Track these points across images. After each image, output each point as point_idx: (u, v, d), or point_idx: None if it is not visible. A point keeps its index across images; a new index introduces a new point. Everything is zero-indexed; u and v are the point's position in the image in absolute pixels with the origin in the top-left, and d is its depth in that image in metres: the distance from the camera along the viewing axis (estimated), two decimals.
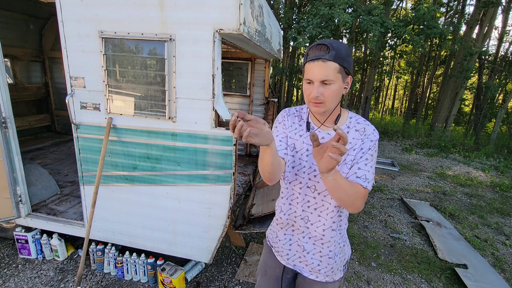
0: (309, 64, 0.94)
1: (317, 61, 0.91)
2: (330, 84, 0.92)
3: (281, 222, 1.18)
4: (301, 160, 1.08)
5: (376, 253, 2.98)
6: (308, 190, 1.08)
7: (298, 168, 1.08)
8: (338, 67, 0.91)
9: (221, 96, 1.83)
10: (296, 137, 1.10)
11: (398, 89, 24.00)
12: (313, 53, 0.93)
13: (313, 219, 1.10)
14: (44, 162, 3.60)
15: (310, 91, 0.95)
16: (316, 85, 0.93)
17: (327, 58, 0.90)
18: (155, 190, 2.07)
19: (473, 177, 5.85)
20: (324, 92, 0.93)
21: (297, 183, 1.10)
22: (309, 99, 0.97)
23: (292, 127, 1.12)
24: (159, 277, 2.15)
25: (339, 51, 0.91)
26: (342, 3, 6.91)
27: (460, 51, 9.49)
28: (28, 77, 4.51)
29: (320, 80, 0.92)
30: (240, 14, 1.60)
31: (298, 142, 1.09)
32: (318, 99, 0.94)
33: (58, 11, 1.86)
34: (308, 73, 0.94)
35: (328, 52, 0.90)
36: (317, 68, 0.91)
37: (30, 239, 2.42)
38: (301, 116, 1.14)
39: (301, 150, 1.08)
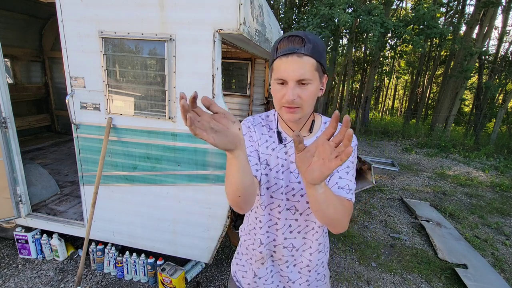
0: (280, 60, 0.76)
1: (291, 56, 0.74)
2: (307, 84, 0.76)
3: (260, 257, 0.98)
4: (276, 179, 0.89)
5: (376, 253, 2.98)
6: (288, 213, 0.92)
7: (274, 189, 0.90)
8: (316, 64, 0.76)
9: (221, 96, 1.83)
10: (268, 152, 0.90)
11: (398, 89, 24.01)
12: (285, 46, 0.75)
13: (298, 244, 0.95)
14: (44, 162, 3.60)
15: (283, 94, 0.77)
16: (291, 86, 0.75)
17: (303, 53, 0.73)
18: (155, 190, 2.07)
19: (473, 177, 5.85)
20: (301, 94, 0.76)
21: (275, 206, 0.92)
22: (282, 103, 0.79)
23: (262, 140, 0.92)
24: (159, 277, 2.15)
25: (316, 45, 0.75)
26: (342, 3, 6.91)
27: (460, 51, 9.50)
28: (28, 77, 4.51)
29: (296, 79, 0.75)
30: (240, 14, 1.60)
31: (272, 158, 0.90)
32: (295, 102, 0.76)
33: (58, 11, 1.86)
34: (280, 71, 0.76)
35: (303, 45, 0.74)
36: (292, 65, 0.74)
37: (30, 239, 2.42)
38: (269, 126, 0.94)
39: (276, 167, 0.89)
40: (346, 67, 12.90)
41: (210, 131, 0.54)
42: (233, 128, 0.58)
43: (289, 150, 0.89)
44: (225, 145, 0.57)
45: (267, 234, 0.96)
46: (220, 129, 0.55)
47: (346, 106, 12.22)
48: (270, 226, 0.95)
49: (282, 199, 0.90)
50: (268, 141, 0.92)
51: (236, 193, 0.70)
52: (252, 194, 0.75)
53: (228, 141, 0.57)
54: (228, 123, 0.57)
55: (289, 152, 0.89)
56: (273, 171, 0.90)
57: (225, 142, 0.57)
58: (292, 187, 0.89)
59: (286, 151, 0.89)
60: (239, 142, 0.60)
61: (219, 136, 0.55)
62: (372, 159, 5.74)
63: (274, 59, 0.79)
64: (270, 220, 0.94)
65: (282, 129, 0.93)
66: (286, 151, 0.89)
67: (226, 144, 0.57)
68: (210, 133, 0.54)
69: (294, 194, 0.89)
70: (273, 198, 0.91)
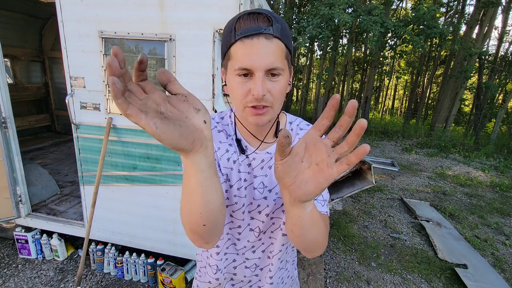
0: (242, 43, 0.57)
1: (258, 38, 0.56)
2: (278, 75, 0.59)
3: (217, 284, 0.85)
4: (238, 197, 0.74)
5: (376, 253, 2.98)
6: (251, 234, 0.78)
7: (235, 208, 0.75)
8: (285, 50, 0.60)
9: (221, 96, 1.83)
10: (229, 165, 0.73)
11: (398, 89, 24.01)
12: (247, 26, 0.56)
13: (262, 263, 0.82)
14: (44, 162, 3.60)
15: (248, 89, 0.59)
16: (259, 78, 0.57)
17: (272, 34, 0.56)
18: (155, 190, 2.07)
19: (473, 177, 5.85)
20: (271, 88, 0.59)
21: (234, 226, 0.77)
22: (246, 102, 0.60)
23: (221, 150, 0.74)
24: (159, 277, 2.15)
25: (284, 26, 0.59)
26: (342, 3, 6.91)
27: (460, 51, 9.50)
28: (28, 77, 4.51)
29: (266, 68, 0.57)
30: None
31: (233, 172, 0.73)
32: (265, 100, 0.59)
33: (58, 11, 1.86)
34: (243, 58, 0.57)
35: (271, 25, 0.57)
36: (260, 49, 0.56)
37: (30, 239, 2.42)
38: (226, 131, 0.76)
39: (238, 183, 0.74)
40: (346, 67, 12.91)
41: (154, 114, 0.36)
42: (195, 119, 0.40)
43: (252, 161, 0.73)
44: (174, 141, 0.38)
45: (225, 257, 0.82)
46: (174, 116, 0.38)
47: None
48: (228, 247, 0.81)
49: (244, 218, 0.76)
50: (228, 151, 0.73)
51: (199, 220, 0.50)
52: (221, 222, 0.55)
53: (179, 135, 0.38)
54: (188, 110, 0.40)
55: (252, 164, 0.74)
56: (234, 188, 0.73)
57: (174, 136, 0.37)
58: (257, 203, 0.74)
59: (249, 163, 0.73)
60: (200, 140, 0.41)
61: (165, 125, 0.36)
62: (372, 159, 5.74)
63: (232, 43, 0.58)
64: (228, 240, 0.80)
65: (241, 135, 0.74)
66: (249, 163, 0.73)
67: (176, 138, 0.38)
68: (152, 117, 0.35)
69: (260, 211, 0.75)
70: (232, 217, 0.77)
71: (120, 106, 0.33)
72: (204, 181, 0.46)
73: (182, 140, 0.39)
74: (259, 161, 0.73)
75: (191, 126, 0.40)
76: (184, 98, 0.40)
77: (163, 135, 0.36)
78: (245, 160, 0.74)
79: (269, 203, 0.74)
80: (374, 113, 18.12)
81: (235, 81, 0.60)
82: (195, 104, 0.41)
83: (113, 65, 0.31)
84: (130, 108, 0.34)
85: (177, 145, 0.39)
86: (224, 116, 0.78)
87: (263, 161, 0.73)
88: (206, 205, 0.48)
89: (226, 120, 0.77)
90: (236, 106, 0.64)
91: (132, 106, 0.34)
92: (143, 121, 0.34)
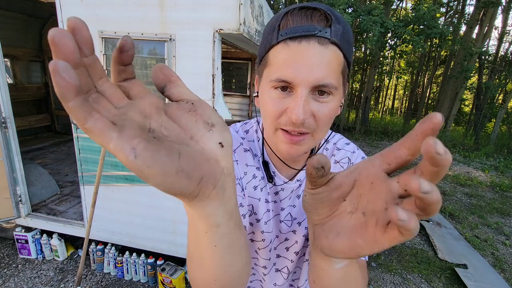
0: (286, 46, 0.43)
1: (308, 41, 0.42)
2: (328, 95, 0.44)
3: None
4: (266, 233, 0.60)
5: (376, 253, 2.98)
6: (278, 276, 0.66)
7: (261, 245, 0.61)
8: (343, 62, 0.45)
9: (221, 96, 1.83)
10: (256, 194, 0.59)
11: (398, 89, 24.02)
12: (295, 24, 0.43)
13: None
14: (44, 162, 3.60)
15: (284, 108, 0.45)
16: (302, 96, 0.43)
17: (329, 38, 0.42)
18: (155, 190, 2.07)
19: (473, 177, 5.85)
20: (317, 111, 0.44)
21: (259, 265, 0.64)
22: (280, 124, 0.46)
23: (248, 176, 0.59)
24: (159, 277, 2.15)
25: (346, 30, 0.44)
26: (342, 3, 6.91)
27: (460, 51, 9.50)
28: (28, 77, 4.51)
29: (313, 84, 0.43)
30: (240, 14, 1.60)
31: (260, 203, 0.59)
32: (305, 125, 0.44)
33: (58, 11, 1.86)
34: (285, 66, 0.43)
35: (329, 25, 0.42)
36: (309, 58, 0.42)
37: (30, 239, 2.42)
38: (251, 151, 0.60)
39: (265, 215, 0.60)
40: None
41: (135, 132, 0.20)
42: (206, 140, 0.24)
43: (281, 192, 0.60)
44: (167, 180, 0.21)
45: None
46: (171, 136, 0.23)
47: (346, 106, 12.23)
48: (252, 281, 0.70)
49: (270, 258, 0.63)
50: (256, 177, 0.58)
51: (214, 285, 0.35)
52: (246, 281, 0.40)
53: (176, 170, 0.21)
54: (195, 126, 0.24)
55: (280, 194, 0.60)
56: (262, 222, 0.59)
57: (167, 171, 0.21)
58: (285, 237, 0.61)
59: (276, 191, 0.60)
60: (213, 178, 0.24)
61: (152, 151, 0.20)
62: None
63: (272, 45, 0.45)
64: (253, 275, 0.68)
65: (269, 157, 0.59)
66: (276, 191, 0.60)
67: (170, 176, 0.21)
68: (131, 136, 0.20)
69: (288, 247, 0.62)
70: (258, 255, 0.63)
71: (74, 113, 0.19)
72: (220, 240, 0.30)
73: (181, 179, 0.21)
74: (288, 191, 0.59)
75: (198, 154, 0.23)
76: (190, 107, 0.24)
77: (147, 170, 0.20)
78: (273, 188, 0.60)
79: (298, 238, 0.61)
80: (374, 113, 18.12)
81: (270, 95, 0.46)
82: (206, 116, 0.24)
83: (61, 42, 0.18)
84: (93, 120, 0.19)
85: (173, 187, 0.21)
86: (249, 130, 0.62)
87: (292, 192, 0.60)
88: (223, 271, 0.33)
89: (251, 135, 0.62)
90: (267, 126, 0.49)
91: (98, 116, 0.19)
92: (113, 142, 0.19)
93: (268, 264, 0.63)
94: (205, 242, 0.30)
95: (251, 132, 0.62)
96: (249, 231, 0.61)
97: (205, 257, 0.32)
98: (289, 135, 0.46)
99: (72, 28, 0.19)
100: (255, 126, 0.63)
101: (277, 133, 0.48)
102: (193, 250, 0.33)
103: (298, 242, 0.61)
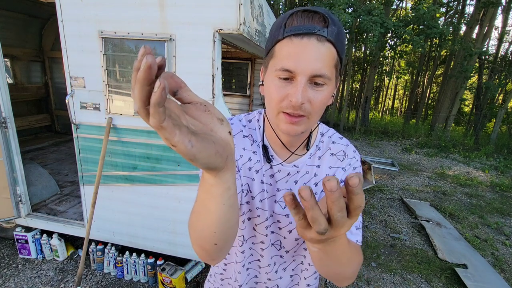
0: (290, 41, 0.51)
1: (309, 38, 0.50)
2: (323, 85, 0.53)
3: None
4: (261, 210, 0.68)
5: (376, 253, 2.98)
6: (273, 249, 0.73)
7: (257, 221, 0.70)
8: (336, 57, 0.54)
9: (221, 96, 1.83)
10: (251, 175, 0.67)
11: (398, 89, 24.01)
12: (299, 23, 0.51)
13: (284, 284, 0.77)
14: (44, 162, 3.60)
15: (286, 94, 0.53)
16: (302, 83, 0.51)
17: (325, 36, 0.50)
18: (155, 190, 2.07)
19: (473, 177, 5.85)
20: (313, 98, 0.53)
21: (257, 241, 0.72)
22: (282, 107, 0.55)
23: (244, 158, 0.67)
24: (159, 277, 2.15)
25: (341, 31, 0.53)
26: (342, 3, 6.91)
27: (460, 51, 9.50)
28: (28, 77, 4.51)
29: (311, 74, 0.51)
30: (240, 14, 1.60)
31: (255, 183, 0.67)
32: (302, 109, 0.53)
33: (58, 11, 1.86)
34: (288, 58, 0.51)
35: (326, 26, 0.50)
36: (308, 52, 0.50)
37: (30, 239, 2.42)
38: (252, 136, 0.69)
39: (260, 194, 0.68)
40: (346, 67, 12.90)
41: (186, 129, 0.29)
42: (221, 131, 0.34)
43: (277, 173, 0.68)
44: (210, 159, 0.32)
45: (247, 272, 0.76)
46: (199, 130, 0.32)
47: (346, 106, 12.22)
48: (251, 262, 0.75)
49: (267, 234, 0.70)
50: (251, 160, 0.67)
51: (212, 239, 0.46)
52: (232, 240, 0.51)
53: (215, 152, 0.32)
54: (212, 122, 0.34)
55: (276, 176, 0.68)
56: (256, 200, 0.68)
57: (211, 154, 0.32)
58: (277, 219, 0.69)
59: (271, 174, 0.68)
60: (232, 156, 0.37)
61: (201, 142, 0.30)
62: (372, 159, 5.74)
63: (279, 39, 0.53)
64: (251, 255, 0.74)
65: (269, 143, 0.68)
66: (271, 174, 0.68)
67: (212, 157, 0.32)
68: (186, 133, 0.29)
69: (281, 227, 0.70)
70: (255, 231, 0.71)
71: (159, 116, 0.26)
72: (228, 199, 0.40)
73: (218, 158, 0.33)
74: (284, 173, 0.67)
75: (221, 141, 0.34)
76: (204, 108, 0.33)
77: (199, 154, 0.30)
78: (269, 170, 0.68)
79: (291, 219, 0.68)
80: (374, 113, 18.12)
81: (274, 83, 0.55)
82: (217, 114, 0.35)
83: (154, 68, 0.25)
84: (167, 120, 0.27)
85: (213, 164, 0.33)
86: (252, 119, 0.71)
87: (289, 175, 0.68)
88: (223, 224, 0.44)
89: (253, 124, 0.71)
90: (270, 110, 0.58)
91: (168, 117, 0.27)
92: (177, 137, 0.28)
93: (266, 240, 0.71)
94: (217, 202, 0.40)
95: (253, 121, 0.71)
96: (247, 210, 0.69)
97: (212, 213, 0.42)
98: (289, 117, 0.54)
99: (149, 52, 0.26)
100: (257, 116, 0.72)
101: (279, 116, 0.56)
102: (200, 210, 0.44)
103: (292, 224, 0.69)
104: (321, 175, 0.69)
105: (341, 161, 0.68)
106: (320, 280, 2.35)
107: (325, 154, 0.69)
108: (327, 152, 0.69)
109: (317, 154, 0.69)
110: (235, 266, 0.75)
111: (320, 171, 0.69)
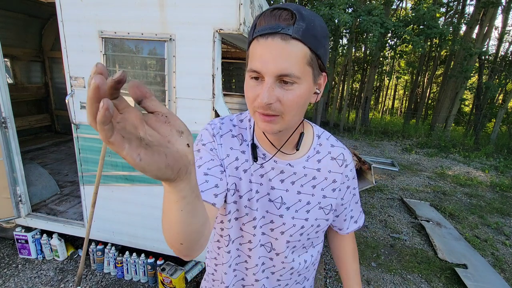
0: (257, 42, 0.52)
1: (272, 38, 0.50)
2: (292, 83, 0.52)
3: None
4: (248, 209, 0.68)
5: (376, 253, 2.98)
6: (262, 250, 0.72)
7: (245, 220, 0.69)
8: (309, 54, 0.51)
9: (221, 96, 1.83)
10: (239, 174, 0.68)
11: (398, 89, 24.02)
12: (267, 22, 0.51)
13: (270, 285, 0.76)
14: (44, 162, 3.60)
15: (257, 93, 0.54)
16: (269, 83, 0.52)
17: (290, 34, 0.49)
18: (155, 190, 2.07)
19: (473, 177, 5.85)
20: (282, 97, 0.53)
21: (244, 241, 0.71)
22: (255, 106, 0.56)
23: (230, 158, 0.68)
24: (159, 277, 2.15)
25: (312, 26, 0.51)
26: (342, 3, 6.91)
27: (460, 51, 9.50)
28: (28, 77, 4.51)
29: (276, 74, 0.51)
30: (240, 14, 1.60)
31: (242, 182, 0.67)
32: (271, 108, 0.53)
33: (58, 11, 1.86)
34: (256, 59, 0.52)
35: (292, 23, 0.49)
36: (271, 52, 0.50)
37: (30, 239, 2.42)
38: (242, 136, 0.70)
39: (248, 194, 0.68)
40: (346, 67, 12.92)
41: (137, 143, 0.29)
42: (178, 143, 0.34)
43: (270, 172, 0.67)
44: (159, 172, 0.32)
45: (234, 273, 0.75)
46: (155, 142, 0.32)
47: (346, 106, 12.22)
48: (238, 264, 0.74)
49: (256, 233, 0.69)
50: (238, 160, 0.68)
51: (177, 239, 0.47)
52: (202, 239, 0.51)
53: (165, 165, 0.32)
54: (170, 133, 0.33)
55: (269, 174, 0.68)
56: (244, 199, 0.68)
57: (160, 167, 0.32)
58: (271, 219, 0.69)
59: (262, 174, 0.68)
60: (185, 167, 0.35)
61: (150, 155, 0.30)
62: (372, 159, 5.74)
63: (250, 41, 0.55)
64: (238, 257, 0.74)
65: (259, 142, 0.68)
66: (262, 174, 0.68)
67: (161, 169, 0.32)
68: (136, 146, 0.29)
69: (273, 228, 0.69)
70: (242, 231, 0.70)
71: (105, 132, 0.26)
72: (185, 206, 0.41)
73: (168, 170, 0.33)
74: (277, 171, 0.67)
75: (175, 153, 0.33)
76: (165, 119, 0.33)
77: (147, 167, 0.30)
78: (258, 170, 0.68)
79: (285, 221, 0.68)
80: (374, 113, 18.12)
81: (248, 83, 0.56)
82: (177, 126, 0.34)
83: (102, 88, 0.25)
84: (115, 137, 0.27)
85: (162, 176, 0.33)
86: (244, 119, 0.72)
87: (282, 173, 0.67)
88: (185, 227, 0.44)
89: (244, 124, 0.71)
90: (249, 109, 0.59)
91: (116, 131, 0.27)
92: (125, 151, 0.28)
93: (254, 240, 0.70)
94: (175, 209, 0.41)
95: (245, 121, 0.72)
96: (234, 209, 0.69)
97: (173, 218, 0.43)
98: (262, 115, 0.55)
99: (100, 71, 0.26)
100: (249, 115, 0.72)
101: (255, 114, 0.57)
102: (166, 215, 0.45)
103: (285, 225, 0.69)
104: (320, 178, 0.70)
105: (340, 166, 0.71)
106: (320, 281, 2.35)
107: (325, 157, 0.70)
108: (327, 156, 0.70)
109: (315, 157, 0.69)
110: (222, 267, 0.75)
111: (320, 175, 0.70)
